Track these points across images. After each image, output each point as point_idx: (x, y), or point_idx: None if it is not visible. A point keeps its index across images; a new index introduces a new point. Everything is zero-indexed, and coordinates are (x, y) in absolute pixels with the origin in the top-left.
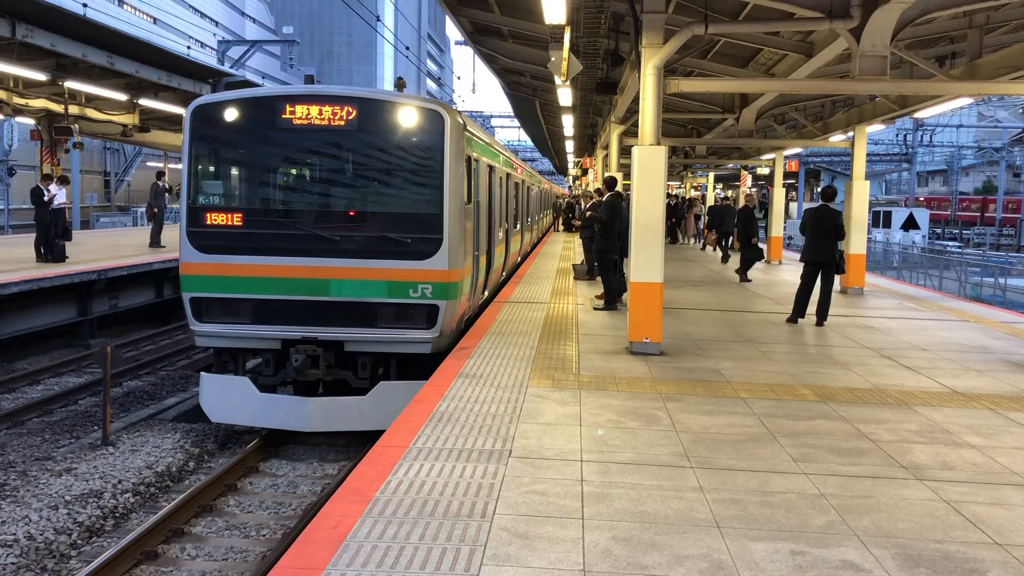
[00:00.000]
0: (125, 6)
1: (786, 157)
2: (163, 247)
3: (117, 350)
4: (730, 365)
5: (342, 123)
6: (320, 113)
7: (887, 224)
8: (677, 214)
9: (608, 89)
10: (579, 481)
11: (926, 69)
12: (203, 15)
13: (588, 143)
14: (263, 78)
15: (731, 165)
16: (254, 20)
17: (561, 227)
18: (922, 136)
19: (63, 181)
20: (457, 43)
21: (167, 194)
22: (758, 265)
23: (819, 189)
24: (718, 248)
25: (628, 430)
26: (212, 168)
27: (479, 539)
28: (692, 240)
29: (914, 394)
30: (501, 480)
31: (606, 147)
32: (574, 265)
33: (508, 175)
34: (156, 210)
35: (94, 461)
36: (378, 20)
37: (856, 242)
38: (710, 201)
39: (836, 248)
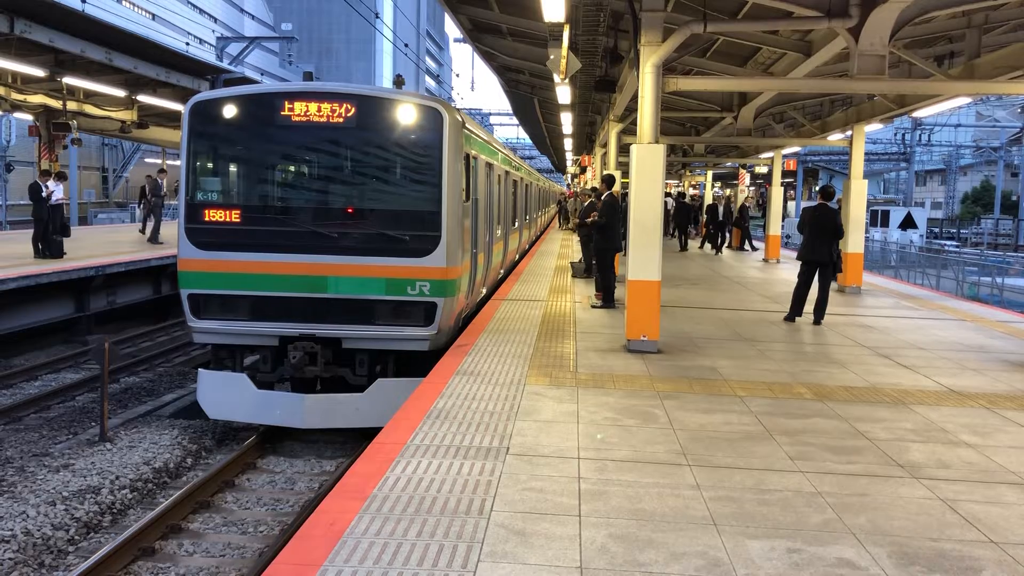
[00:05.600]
0: (124, 2)
1: (784, 156)
2: (161, 243)
3: (115, 346)
4: (727, 363)
5: (340, 120)
6: (319, 110)
7: (885, 223)
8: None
9: (607, 87)
10: (576, 478)
11: (924, 68)
12: (202, 11)
13: (587, 141)
14: (262, 75)
15: (729, 164)
16: (253, 17)
17: (570, 225)
18: (920, 135)
19: (60, 177)
20: (456, 40)
21: (163, 192)
22: (755, 263)
23: (817, 188)
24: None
25: (625, 428)
26: (210, 165)
27: (476, 536)
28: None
29: (911, 393)
30: (498, 477)
31: (605, 145)
32: (572, 263)
33: (506, 172)
34: (152, 206)
35: (92, 457)
36: (377, 17)
37: (854, 241)
38: (708, 199)
39: (834, 247)
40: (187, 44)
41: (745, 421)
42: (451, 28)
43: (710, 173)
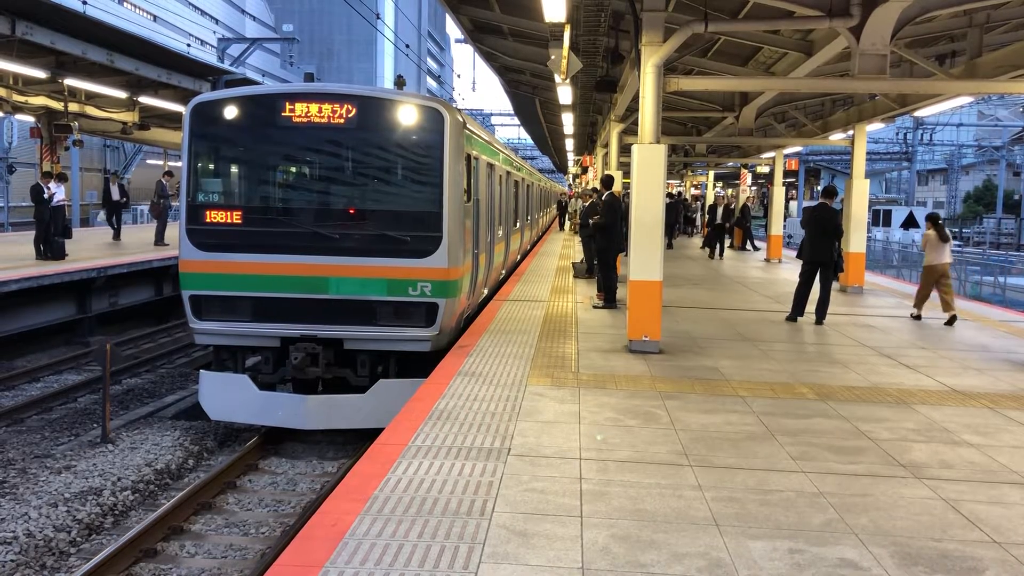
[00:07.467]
0: (125, 4)
1: (786, 155)
2: (166, 245)
3: (116, 348)
4: (729, 363)
5: (342, 121)
6: (320, 111)
7: (887, 223)
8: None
9: (608, 87)
10: (578, 479)
11: (926, 68)
12: (203, 13)
13: (588, 141)
14: (263, 76)
15: (731, 163)
16: (254, 18)
17: (569, 227)
18: (922, 135)
19: (61, 179)
20: (457, 41)
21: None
22: (757, 263)
23: (819, 187)
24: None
25: (627, 428)
26: (212, 166)
27: (478, 537)
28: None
29: (913, 393)
30: (500, 478)
31: (606, 145)
32: (573, 263)
33: (508, 173)
34: (161, 208)
35: (93, 459)
36: (378, 18)
37: (856, 241)
38: (709, 200)
39: (835, 247)
40: (188, 45)
41: (747, 421)
42: (452, 29)
43: (712, 173)
